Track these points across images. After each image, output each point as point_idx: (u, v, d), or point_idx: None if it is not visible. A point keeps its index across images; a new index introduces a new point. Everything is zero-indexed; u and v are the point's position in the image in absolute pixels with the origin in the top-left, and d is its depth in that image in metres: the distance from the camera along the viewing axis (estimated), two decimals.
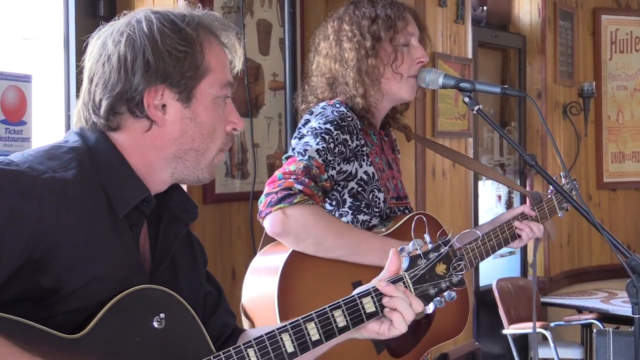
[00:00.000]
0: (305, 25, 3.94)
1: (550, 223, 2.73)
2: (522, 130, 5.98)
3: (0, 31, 2.93)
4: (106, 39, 1.61)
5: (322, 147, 2.26)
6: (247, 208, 3.51)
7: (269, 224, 2.18)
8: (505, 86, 2.43)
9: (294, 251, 2.20)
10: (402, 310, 1.71)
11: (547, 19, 5.93)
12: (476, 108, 2.34)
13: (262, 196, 2.21)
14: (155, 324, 1.53)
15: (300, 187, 2.17)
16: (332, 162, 2.29)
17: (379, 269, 2.26)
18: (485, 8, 5.65)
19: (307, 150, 2.25)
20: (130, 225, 1.59)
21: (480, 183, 5.43)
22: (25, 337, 1.40)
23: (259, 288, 2.24)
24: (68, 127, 3.07)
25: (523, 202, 5.96)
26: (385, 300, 1.72)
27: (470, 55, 4.72)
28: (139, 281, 1.55)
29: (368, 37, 2.42)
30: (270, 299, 2.13)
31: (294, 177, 2.19)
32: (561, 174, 2.80)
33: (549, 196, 2.77)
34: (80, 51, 3.09)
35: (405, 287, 1.76)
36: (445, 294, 1.80)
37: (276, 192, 2.17)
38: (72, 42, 3.10)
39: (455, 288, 1.81)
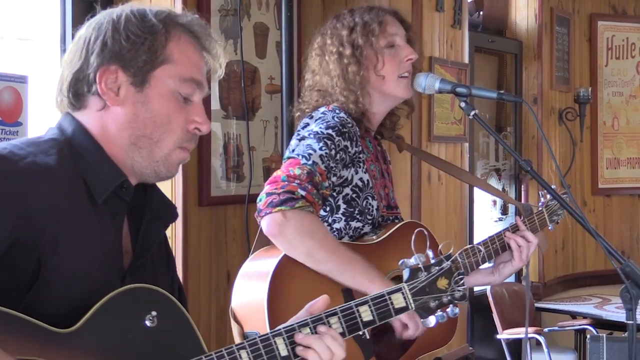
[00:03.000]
0: (302, 28, 3.94)
1: (541, 235, 2.72)
2: (518, 135, 5.99)
3: None
4: (85, 25, 1.67)
5: (325, 153, 2.27)
6: (242, 211, 3.51)
7: (267, 224, 2.17)
8: (502, 91, 2.44)
9: (285, 256, 2.19)
10: (317, 349, 1.66)
11: (543, 24, 5.94)
12: (472, 113, 2.35)
13: (262, 195, 2.20)
14: (148, 322, 1.53)
15: (303, 193, 2.17)
16: (334, 169, 2.30)
17: None
18: (481, 13, 5.66)
19: (311, 154, 2.26)
20: (112, 215, 1.60)
21: (475, 188, 5.44)
22: (14, 329, 1.40)
23: (249, 293, 2.24)
24: None
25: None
26: (298, 337, 1.67)
27: (466, 60, 4.73)
28: (117, 270, 1.58)
29: (347, 46, 2.46)
30: (260, 304, 2.13)
31: (298, 181, 2.19)
32: (552, 186, 2.82)
33: (540, 208, 2.77)
34: None
35: (404, 298, 1.78)
36: (448, 310, 1.81)
37: (278, 194, 2.17)
38: (69, 43, 3.10)
39: (457, 303, 1.82)
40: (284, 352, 1.63)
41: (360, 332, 2.19)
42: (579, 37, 6.43)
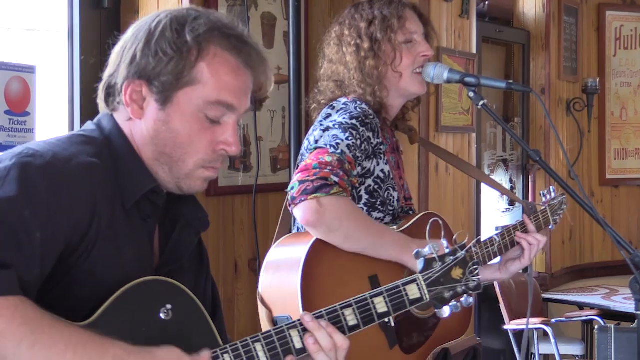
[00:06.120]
0: (309, 18, 3.94)
1: (544, 233, 2.73)
2: (526, 126, 5.97)
3: (3, 22, 2.93)
4: (132, 26, 1.65)
5: (352, 142, 2.28)
6: (250, 201, 3.50)
7: (303, 211, 2.17)
8: (511, 81, 2.43)
9: (315, 242, 2.20)
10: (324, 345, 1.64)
11: (551, 14, 5.92)
12: (481, 103, 2.34)
13: (295, 183, 2.20)
14: (162, 315, 1.53)
15: (337, 179, 2.18)
16: (360, 158, 2.31)
17: (395, 263, 2.27)
18: (487, 3, 5.64)
19: (338, 144, 2.26)
20: (144, 217, 1.60)
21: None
22: None
23: (280, 278, 2.24)
24: (72, 118, 3.07)
25: (525, 198, 5.95)
26: (305, 319, 1.65)
27: (474, 51, 4.72)
28: (145, 273, 1.56)
29: (366, 40, 2.46)
30: (293, 289, 2.14)
31: (330, 168, 2.19)
32: (551, 187, 2.85)
33: (543, 207, 2.78)
34: (84, 42, 3.11)
35: (419, 289, 1.76)
36: (462, 299, 1.79)
37: (312, 181, 2.16)
38: (76, 34, 3.10)
39: (471, 293, 1.81)
40: (298, 344, 1.62)
41: (385, 319, 2.22)
42: (587, 27, 6.40)
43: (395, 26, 2.45)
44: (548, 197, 2.84)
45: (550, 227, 2.82)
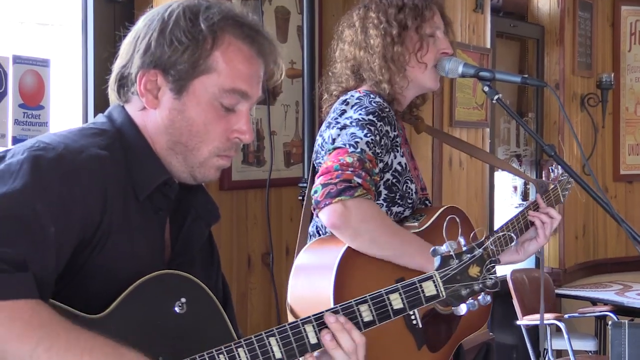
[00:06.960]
0: (323, 12, 3.93)
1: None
2: (539, 121, 5.95)
3: (17, 17, 2.93)
4: (143, 17, 1.65)
5: (371, 139, 2.25)
6: (263, 196, 3.51)
7: (328, 215, 2.15)
8: (526, 76, 2.42)
9: (347, 249, 2.18)
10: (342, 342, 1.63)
11: (566, 9, 5.89)
12: (496, 97, 2.33)
13: (318, 186, 2.18)
14: (177, 309, 1.53)
15: (360, 181, 2.16)
16: (380, 154, 2.28)
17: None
18: None
19: (357, 142, 2.23)
20: (156, 210, 1.60)
21: (496, 174, 5.42)
22: None
23: (310, 286, 2.22)
24: (85, 111, 3.07)
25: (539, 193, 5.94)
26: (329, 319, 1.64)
27: (488, 45, 4.70)
28: (157, 265, 1.56)
29: (394, 25, 2.42)
30: (325, 297, 2.11)
31: (352, 169, 2.17)
32: (550, 167, 2.85)
33: (554, 185, 2.80)
34: (98, 36, 3.11)
35: (435, 286, 1.75)
36: (480, 297, 1.79)
37: (335, 184, 2.14)
38: (90, 28, 3.10)
39: (489, 291, 1.80)
40: (313, 339, 1.62)
41: (413, 320, 2.21)
42: (602, 22, 6.37)
43: (426, 16, 2.44)
44: (557, 172, 2.85)
45: (561, 201, 2.84)
